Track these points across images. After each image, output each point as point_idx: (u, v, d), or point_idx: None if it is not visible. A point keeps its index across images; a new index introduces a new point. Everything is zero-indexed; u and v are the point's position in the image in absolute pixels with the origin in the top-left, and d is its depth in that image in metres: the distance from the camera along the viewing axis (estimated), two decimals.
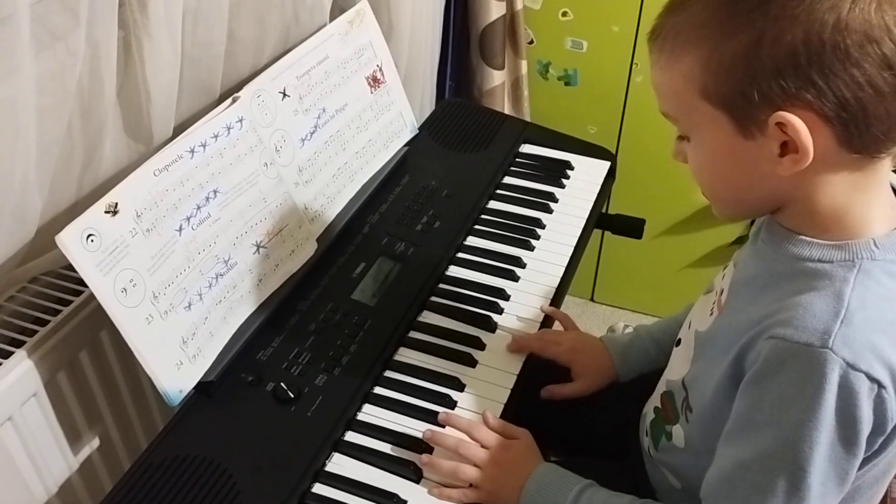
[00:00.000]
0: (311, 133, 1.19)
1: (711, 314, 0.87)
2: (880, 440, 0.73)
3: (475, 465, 0.93)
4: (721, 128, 0.71)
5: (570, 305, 2.22)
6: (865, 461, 0.75)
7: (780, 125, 0.67)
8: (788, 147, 0.69)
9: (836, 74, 0.64)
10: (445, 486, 0.91)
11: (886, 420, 0.71)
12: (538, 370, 1.09)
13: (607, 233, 2.14)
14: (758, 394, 0.73)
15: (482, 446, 0.95)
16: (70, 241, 0.84)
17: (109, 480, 1.11)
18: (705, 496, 0.81)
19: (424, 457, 0.93)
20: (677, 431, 0.90)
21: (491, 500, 0.92)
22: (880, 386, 0.69)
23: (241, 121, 1.05)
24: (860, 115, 0.66)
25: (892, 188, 0.77)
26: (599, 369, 1.09)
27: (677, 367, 0.92)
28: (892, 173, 0.77)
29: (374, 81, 1.32)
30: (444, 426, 0.97)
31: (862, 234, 0.73)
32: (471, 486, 0.92)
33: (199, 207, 0.99)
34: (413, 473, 0.92)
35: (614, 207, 1.82)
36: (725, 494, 0.77)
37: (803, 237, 0.75)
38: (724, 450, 0.78)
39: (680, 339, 0.95)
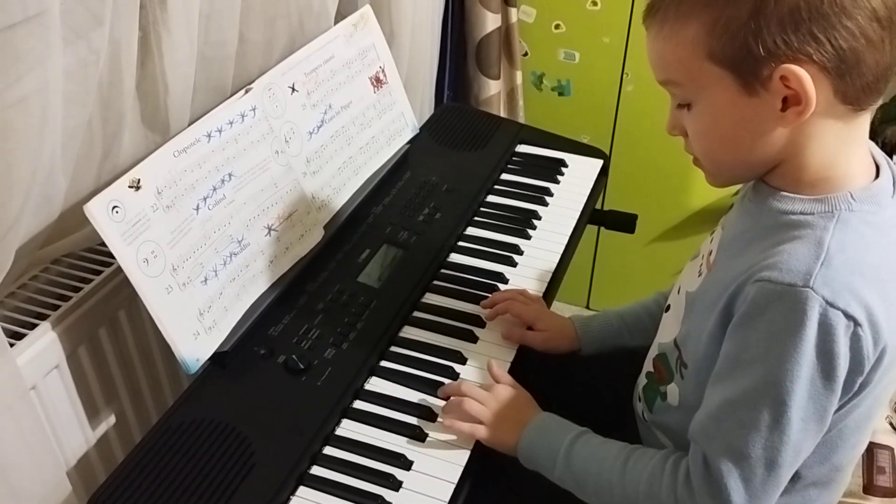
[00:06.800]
0: (318, 127, 1.25)
1: (700, 275, 0.92)
2: (859, 380, 0.78)
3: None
4: (726, 88, 0.77)
5: (566, 314, 2.24)
6: (846, 403, 0.80)
7: (784, 79, 0.73)
8: (789, 101, 0.75)
9: (833, 27, 0.71)
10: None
11: (863, 358, 0.76)
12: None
13: (602, 242, 2.22)
14: (745, 334, 0.78)
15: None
16: (97, 211, 0.90)
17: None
18: (693, 435, 0.85)
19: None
20: (672, 390, 0.95)
21: (493, 437, 0.97)
22: (856, 324, 0.74)
23: (254, 109, 1.11)
24: (854, 65, 0.73)
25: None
26: (561, 329, 1.16)
27: (668, 330, 0.98)
28: (870, 141, 0.83)
29: (377, 82, 1.39)
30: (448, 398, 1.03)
31: (842, 188, 0.79)
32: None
33: (214, 189, 1.04)
34: (419, 435, 0.97)
35: None
36: (712, 431, 0.82)
37: (786, 193, 0.81)
38: (712, 390, 0.83)
39: (669, 305, 1.00)
